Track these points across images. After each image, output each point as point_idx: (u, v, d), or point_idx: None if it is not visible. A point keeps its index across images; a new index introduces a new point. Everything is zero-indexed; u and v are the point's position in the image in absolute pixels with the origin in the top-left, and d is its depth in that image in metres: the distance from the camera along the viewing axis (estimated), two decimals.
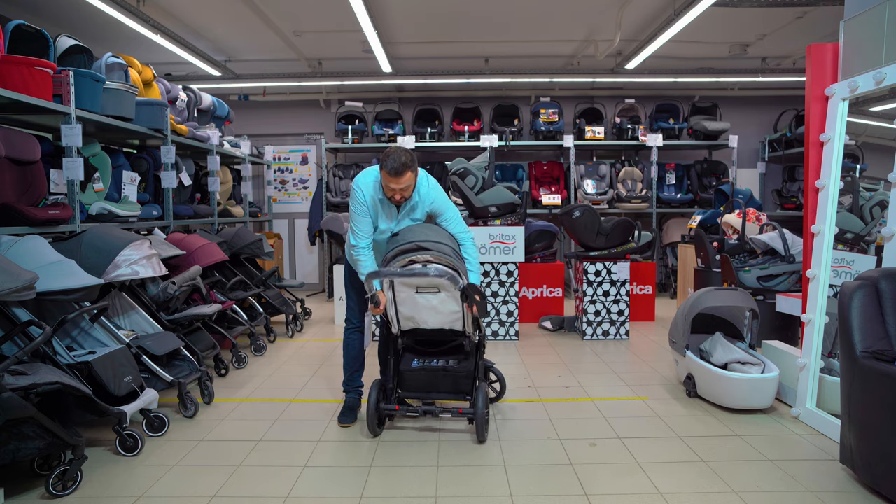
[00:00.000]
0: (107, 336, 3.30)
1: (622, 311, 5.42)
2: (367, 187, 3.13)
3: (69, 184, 3.77)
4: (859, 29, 3.23)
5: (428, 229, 3.14)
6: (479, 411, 3.00)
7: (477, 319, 3.10)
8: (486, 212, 5.35)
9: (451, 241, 3.15)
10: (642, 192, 7.83)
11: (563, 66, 7.69)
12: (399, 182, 2.97)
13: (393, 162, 2.93)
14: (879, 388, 2.37)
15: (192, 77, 7.52)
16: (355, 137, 7.94)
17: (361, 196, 3.12)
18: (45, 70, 3.44)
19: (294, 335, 5.70)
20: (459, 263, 3.05)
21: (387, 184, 3.01)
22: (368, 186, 3.13)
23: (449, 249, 3.04)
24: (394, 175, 2.95)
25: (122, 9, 5.15)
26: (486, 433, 3.06)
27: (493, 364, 3.60)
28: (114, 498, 2.52)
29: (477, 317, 3.05)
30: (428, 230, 3.12)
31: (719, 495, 2.49)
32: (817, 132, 3.41)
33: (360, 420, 3.40)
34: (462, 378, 3.16)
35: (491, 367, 3.59)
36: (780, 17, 5.92)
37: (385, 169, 2.96)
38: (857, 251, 3.49)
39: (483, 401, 3.01)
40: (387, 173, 2.96)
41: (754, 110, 8.57)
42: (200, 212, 5.72)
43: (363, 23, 5.52)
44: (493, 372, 3.62)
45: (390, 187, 3.01)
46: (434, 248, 2.98)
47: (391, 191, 3.03)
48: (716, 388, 3.51)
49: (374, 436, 3.14)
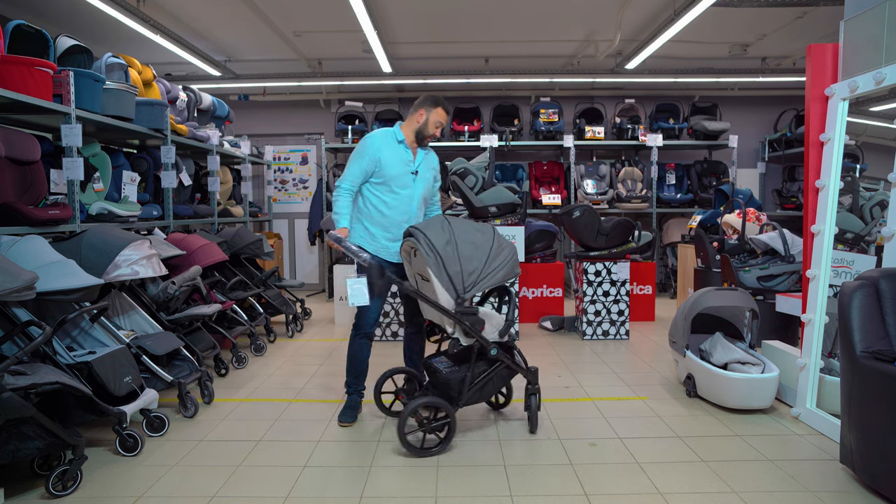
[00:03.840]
0: (107, 336, 3.30)
1: (622, 311, 5.42)
2: (377, 139, 3.36)
3: (69, 184, 3.77)
4: (859, 29, 3.23)
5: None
6: (451, 422, 2.94)
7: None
8: (486, 212, 5.35)
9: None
10: (642, 192, 7.83)
11: (563, 66, 7.69)
12: (447, 119, 3.45)
13: (446, 102, 3.43)
14: (879, 388, 2.37)
15: (192, 77, 7.52)
16: (355, 137, 7.93)
17: (371, 146, 3.33)
18: (45, 70, 3.44)
19: (294, 335, 5.70)
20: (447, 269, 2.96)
21: (439, 120, 3.38)
22: (378, 139, 3.36)
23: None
24: (448, 112, 3.43)
25: (122, 9, 5.15)
26: (446, 446, 2.96)
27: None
28: (114, 498, 2.52)
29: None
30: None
31: (719, 495, 2.49)
32: (817, 132, 3.41)
33: (360, 420, 3.40)
34: (442, 385, 3.05)
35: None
36: (780, 17, 5.92)
37: (442, 106, 3.39)
38: (857, 251, 3.49)
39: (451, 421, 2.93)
40: (444, 110, 3.39)
41: (754, 110, 8.57)
42: (200, 212, 5.72)
43: (363, 23, 5.52)
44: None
45: (440, 123, 3.39)
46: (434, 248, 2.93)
47: (438, 126, 3.40)
48: (716, 388, 3.51)
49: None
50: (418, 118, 3.36)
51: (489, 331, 2.99)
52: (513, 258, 3.05)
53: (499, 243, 3.04)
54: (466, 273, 2.93)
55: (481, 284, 2.95)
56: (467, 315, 2.90)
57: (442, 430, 2.97)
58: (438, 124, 3.38)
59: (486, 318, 2.99)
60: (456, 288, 2.91)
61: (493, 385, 3.13)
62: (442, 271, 2.89)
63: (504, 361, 3.06)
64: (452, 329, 2.96)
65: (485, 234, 3.04)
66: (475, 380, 3.02)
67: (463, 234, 2.98)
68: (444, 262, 2.89)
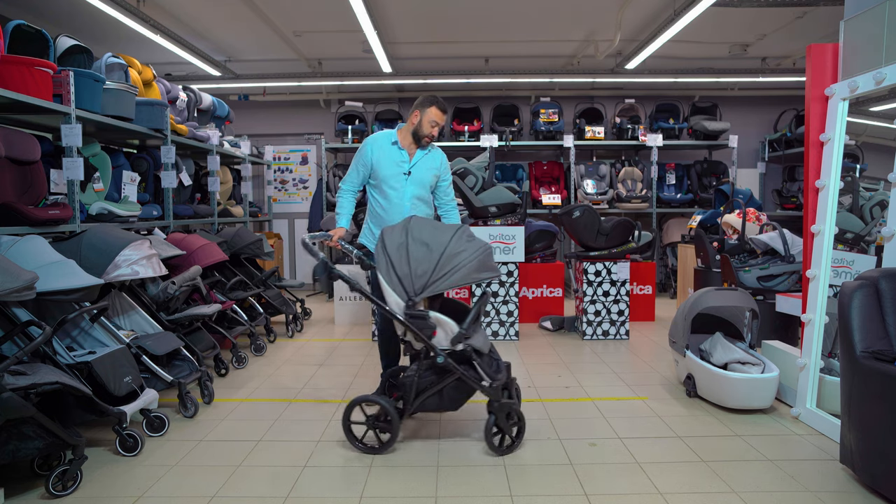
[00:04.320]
0: (107, 336, 3.30)
1: (622, 311, 5.42)
2: (371, 142, 3.45)
3: (69, 184, 3.77)
4: (859, 29, 3.23)
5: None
6: (391, 425, 2.89)
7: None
8: (486, 212, 5.35)
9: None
10: (642, 192, 7.83)
11: (563, 66, 7.69)
12: (443, 118, 3.40)
13: (443, 102, 3.40)
14: (879, 388, 2.37)
15: (192, 77, 7.52)
16: (355, 137, 7.94)
17: (365, 148, 3.45)
18: (45, 70, 3.44)
19: (294, 335, 5.70)
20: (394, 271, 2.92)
21: (434, 119, 3.36)
22: (373, 141, 3.45)
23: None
24: (444, 112, 3.40)
25: (122, 9, 5.15)
26: (386, 448, 2.94)
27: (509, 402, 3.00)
28: (114, 498, 2.52)
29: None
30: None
31: (719, 495, 2.49)
32: (817, 132, 3.41)
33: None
34: (398, 386, 3.01)
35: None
36: (780, 17, 5.92)
37: (437, 105, 3.36)
38: (857, 251, 3.49)
39: (394, 426, 2.88)
40: (438, 109, 3.36)
41: (754, 110, 8.58)
42: (200, 212, 5.72)
43: (363, 23, 5.52)
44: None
45: (436, 122, 3.37)
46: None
47: (434, 126, 3.38)
48: (716, 388, 3.51)
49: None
50: (413, 119, 3.41)
51: (440, 337, 2.84)
52: (477, 258, 2.84)
53: (457, 244, 2.86)
54: (416, 275, 2.82)
55: (434, 287, 2.81)
56: (416, 319, 2.82)
57: (385, 433, 2.94)
58: (434, 123, 3.38)
59: (438, 324, 2.83)
60: (406, 290, 2.84)
61: (452, 395, 2.95)
62: (391, 273, 2.86)
63: (456, 372, 2.85)
64: (403, 332, 2.95)
65: (442, 235, 2.89)
66: (425, 387, 2.91)
67: (419, 234, 2.89)
68: (394, 264, 2.86)
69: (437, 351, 2.85)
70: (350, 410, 2.99)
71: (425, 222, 2.99)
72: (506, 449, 2.91)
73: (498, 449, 2.91)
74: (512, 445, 2.93)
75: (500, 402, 2.88)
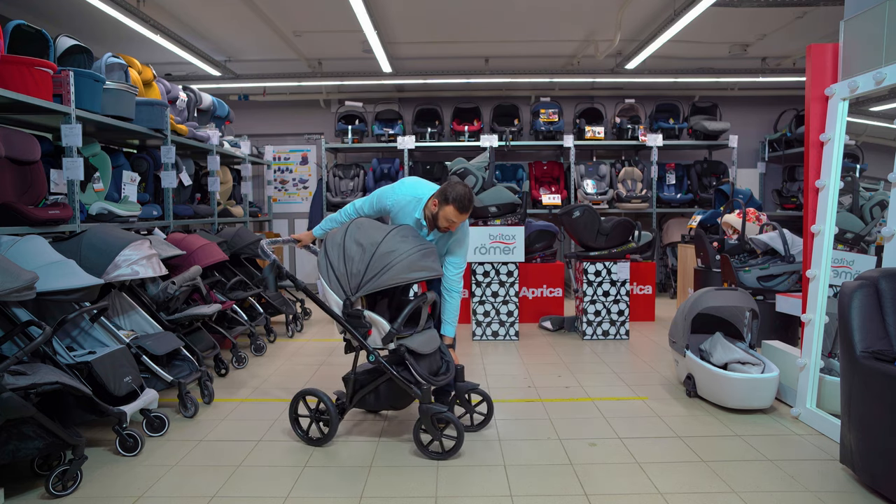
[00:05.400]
0: (107, 336, 3.30)
1: (622, 311, 5.42)
2: (400, 209, 3.26)
3: (69, 184, 3.77)
4: (859, 29, 3.23)
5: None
6: (330, 418, 2.98)
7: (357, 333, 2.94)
8: (486, 212, 5.35)
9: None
10: (642, 192, 7.83)
11: (563, 66, 7.69)
12: (462, 217, 3.08)
13: (464, 200, 3.02)
14: (879, 388, 2.37)
15: (192, 77, 7.52)
16: (355, 137, 7.94)
17: (393, 207, 3.27)
18: (45, 70, 3.44)
19: (294, 335, 5.70)
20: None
21: (449, 217, 3.05)
22: (403, 209, 3.26)
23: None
24: (462, 212, 3.04)
25: (122, 9, 5.15)
26: (325, 441, 3.02)
27: (470, 385, 3.20)
28: (114, 498, 2.52)
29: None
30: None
31: (719, 495, 2.49)
32: (817, 132, 3.41)
33: (360, 420, 3.40)
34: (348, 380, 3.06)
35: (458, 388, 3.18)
36: (780, 17, 5.92)
37: (455, 205, 3.02)
38: (857, 251, 3.49)
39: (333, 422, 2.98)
40: (455, 209, 3.02)
41: (754, 110, 8.58)
42: (200, 212, 5.72)
43: (363, 23, 5.52)
44: (473, 393, 3.24)
45: (451, 220, 3.06)
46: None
47: (449, 223, 3.08)
48: (716, 388, 3.51)
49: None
50: (432, 207, 3.14)
51: (374, 336, 2.91)
52: (408, 257, 2.83)
53: (389, 243, 2.86)
54: (351, 274, 2.89)
55: (368, 286, 2.84)
56: (351, 318, 2.91)
57: (326, 426, 3.04)
58: (450, 221, 3.09)
59: (372, 323, 2.90)
60: (344, 289, 2.92)
61: (388, 394, 3.01)
62: (330, 274, 2.95)
63: (387, 371, 2.90)
64: (341, 330, 3.00)
65: (375, 233, 2.92)
66: (362, 385, 3.02)
67: (356, 234, 2.93)
68: (332, 264, 2.94)
69: (369, 349, 2.92)
70: (296, 403, 3.10)
71: (365, 224, 3.04)
72: (441, 454, 2.86)
73: (427, 451, 2.88)
74: (448, 452, 2.87)
75: (425, 406, 2.86)
